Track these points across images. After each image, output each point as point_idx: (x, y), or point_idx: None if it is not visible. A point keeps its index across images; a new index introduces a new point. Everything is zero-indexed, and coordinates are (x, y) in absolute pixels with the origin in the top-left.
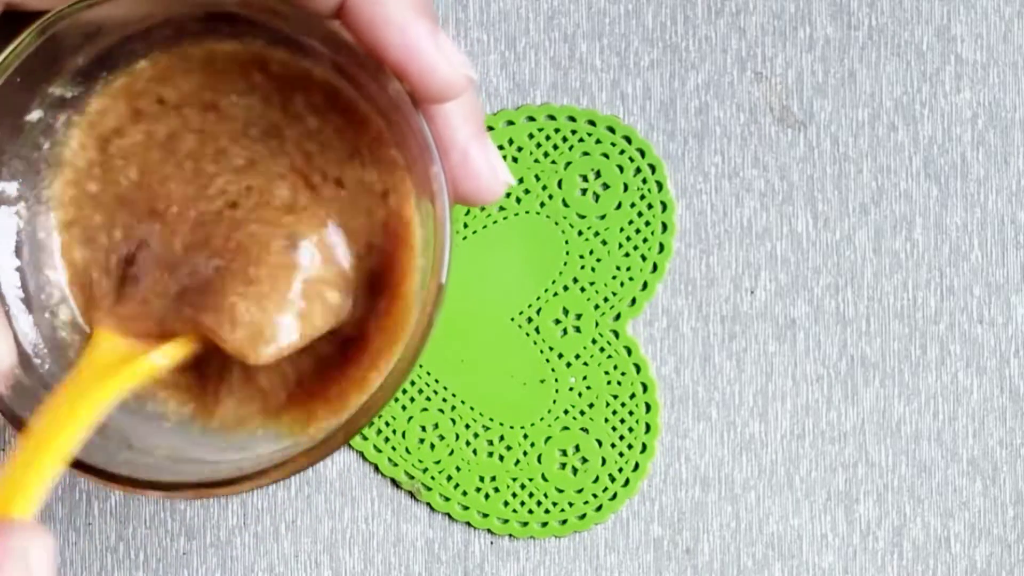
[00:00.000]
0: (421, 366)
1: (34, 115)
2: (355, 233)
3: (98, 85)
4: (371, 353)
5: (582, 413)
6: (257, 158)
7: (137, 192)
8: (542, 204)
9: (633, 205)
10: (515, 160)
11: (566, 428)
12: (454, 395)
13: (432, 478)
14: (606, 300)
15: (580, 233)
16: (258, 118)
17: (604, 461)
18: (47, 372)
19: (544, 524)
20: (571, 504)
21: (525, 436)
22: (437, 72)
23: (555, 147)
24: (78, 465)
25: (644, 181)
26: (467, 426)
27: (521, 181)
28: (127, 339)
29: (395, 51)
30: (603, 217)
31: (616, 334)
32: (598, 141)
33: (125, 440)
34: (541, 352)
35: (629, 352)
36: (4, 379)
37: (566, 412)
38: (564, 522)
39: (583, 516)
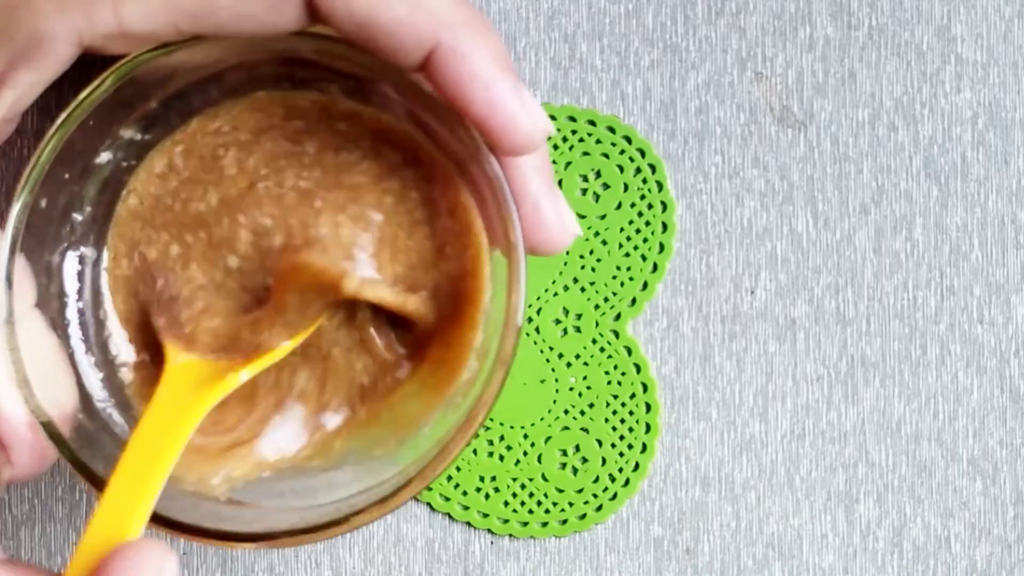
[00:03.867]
0: None
1: (103, 157)
2: (424, 276)
3: (167, 128)
4: (425, 401)
5: (582, 413)
6: (326, 203)
7: (196, 233)
8: None
9: (633, 205)
10: None
11: (566, 428)
12: None
13: None
14: (606, 300)
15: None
16: (330, 164)
17: (604, 461)
18: (108, 417)
19: (544, 524)
20: (571, 504)
21: (525, 436)
22: (519, 127)
23: (555, 147)
24: (169, 524)
25: (644, 181)
26: None
27: None
28: (202, 358)
29: (480, 106)
30: (603, 217)
31: (616, 334)
32: (598, 141)
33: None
34: (541, 352)
35: (629, 352)
36: (67, 422)
37: (566, 412)
38: (564, 522)
39: (583, 516)
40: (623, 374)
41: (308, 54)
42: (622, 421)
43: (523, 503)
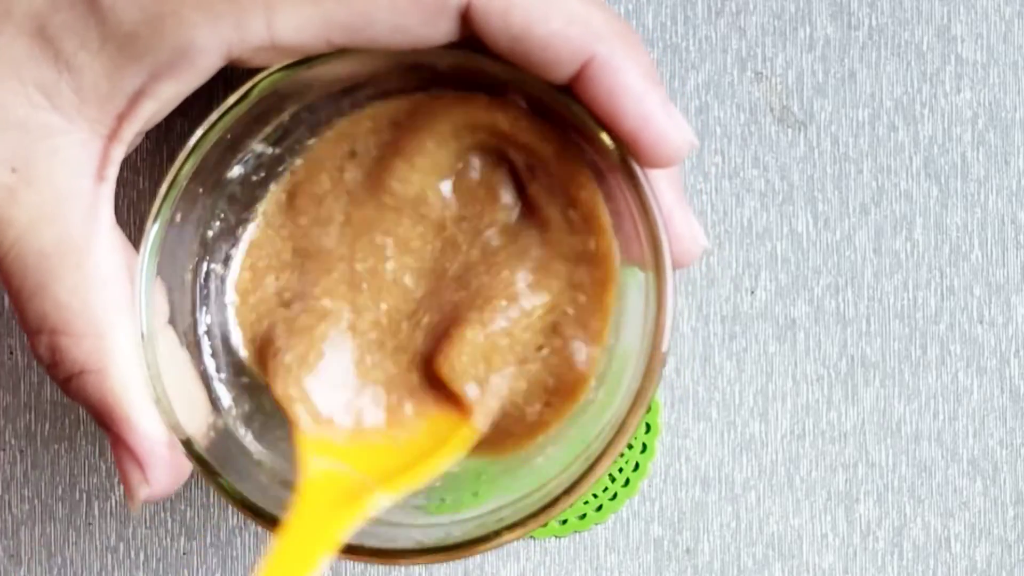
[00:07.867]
0: None
1: (235, 171)
2: (551, 288)
3: (296, 142)
4: (542, 422)
5: None
6: (461, 213)
7: (328, 255)
8: None
9: None
10: None
11: None
12: None
13: None
14: None
15: None
16: (461, 176)
17: None
18: (242, 435)
19: (544, 524)
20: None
21: None
22: (667, 140)
23: None
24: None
25: None
26: None
27: None
28: (340, 460)
29: (632, 119)
30: None
31: None
32: None
33: None
34: None
35: None
36: (202, 438)
37: None
38: (564, 522)
39: (583, 516)
40: None
41: (444, 67)
42: None
43: None
